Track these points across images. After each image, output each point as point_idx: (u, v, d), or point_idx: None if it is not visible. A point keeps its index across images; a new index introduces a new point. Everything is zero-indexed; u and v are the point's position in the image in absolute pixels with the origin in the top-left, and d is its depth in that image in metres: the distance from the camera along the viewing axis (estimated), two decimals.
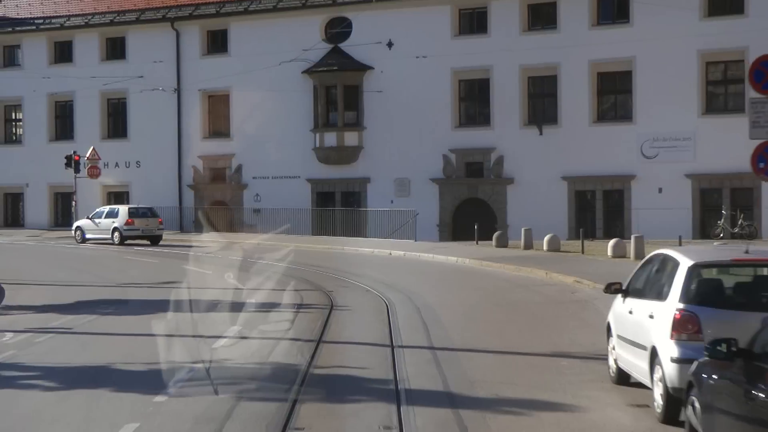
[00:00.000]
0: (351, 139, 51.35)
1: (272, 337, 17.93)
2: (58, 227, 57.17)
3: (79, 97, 57.60)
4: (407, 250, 38.69)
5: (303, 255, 38.43)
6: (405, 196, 50.41)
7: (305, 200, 52.41)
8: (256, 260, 35.20)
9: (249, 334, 18.22)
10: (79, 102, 57.76)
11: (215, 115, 55.62)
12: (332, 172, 51.87)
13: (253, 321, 19.63)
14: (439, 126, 49.51)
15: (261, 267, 32.65)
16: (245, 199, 54.18)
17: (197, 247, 44.44)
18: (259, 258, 35.93)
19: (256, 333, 18.37)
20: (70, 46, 58.32)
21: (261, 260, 35.20)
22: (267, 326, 18.97)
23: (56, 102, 59.00)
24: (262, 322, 19.57)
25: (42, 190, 58.63)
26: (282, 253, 38.42)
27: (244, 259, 35.43)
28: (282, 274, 29.93)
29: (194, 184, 55.39)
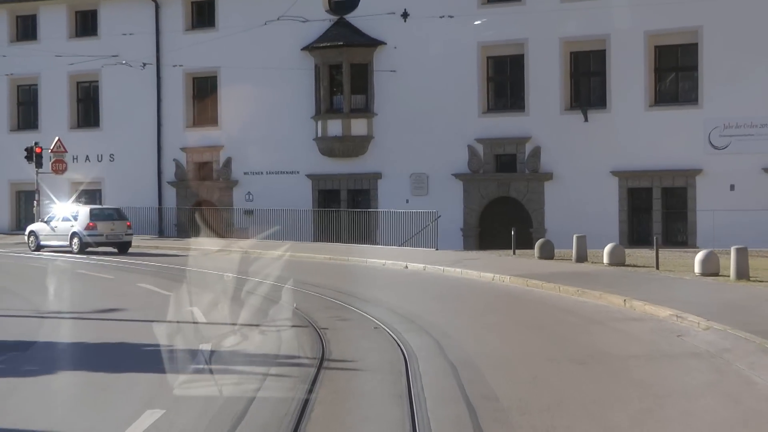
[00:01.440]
0: (359, 127, 43.47)
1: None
2: (20, 231, 49.24)
3: (44, 80, 49.93)
4: (428, 262, 30.84)
5: (298, 267, 30.69)
6: (423, 194, 42.58)
7: (305, 199, 44.59)
8: (238, 275, 27.48)
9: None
10: (44, 85, 50.05)
11: (201, 101, 47.85)
12: (337, 167, 44.02)
13: (184, 405, 11.75)
14: (464, 111, 41.65)
15: (240, 286, 24.93)
16: (235, 199, 46.37)
17: (173, 256, 36.79)
18: (243, 272, 28.23)
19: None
20: (34, 21, 50.51)
21: (244, 275, 27.47)
22: (198, 420, 11.06)
23: (18, 86, 51.27)
24: (194, 409, 11.63)
25: (2, 188, 50.87)
26: (272, 266, 30.76)
27: (223, 274, 27.83)
28: (265, 297, 22.26)
29: (176, 180, 47.59)
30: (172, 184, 47.58)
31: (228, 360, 14.75)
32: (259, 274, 27.45)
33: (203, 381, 13.14)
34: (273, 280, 25.99)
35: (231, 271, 28.48)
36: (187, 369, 13.73)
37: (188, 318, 19.25)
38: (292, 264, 32.43)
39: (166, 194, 47.80)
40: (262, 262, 32.92)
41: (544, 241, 31.36)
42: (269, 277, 26.52)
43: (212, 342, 16.03)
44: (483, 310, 20.86)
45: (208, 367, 14.08)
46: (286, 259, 34.16)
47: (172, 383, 12.63)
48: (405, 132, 42.68)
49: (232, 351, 15.45)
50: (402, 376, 13.33)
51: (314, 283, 25.64)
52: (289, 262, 32.89)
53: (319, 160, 44.26)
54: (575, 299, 22.05)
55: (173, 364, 14.28)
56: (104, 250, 38.91)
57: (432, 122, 42.14)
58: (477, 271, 27.71)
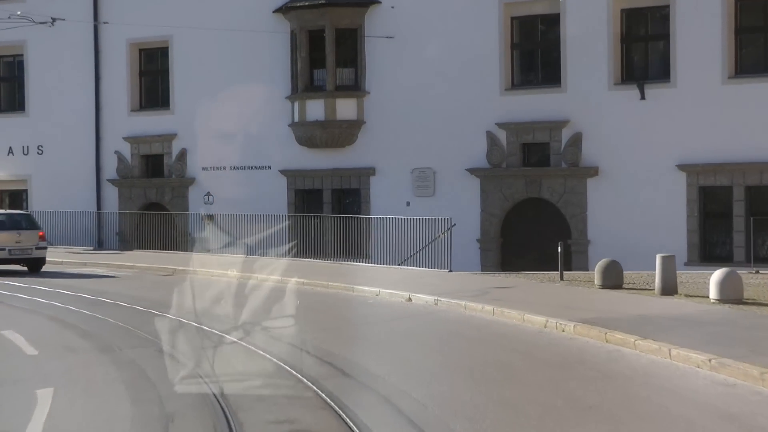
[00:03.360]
0: (346, 109, 34.09)
1: None
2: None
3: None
4: (440, 293, 21.48)
5: (260, 300, 21.30)
6: (428, 195, 33.24)
7: (279, 202, 35.22)
8: (165, 312, 18.37)
9: None
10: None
11: (150, 78, 38.49)
12: (318, 160, 34.67)
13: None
14: (482, 88, 32.32)
15: (152, 338, 15.66)
16: (192, 200, 36.96)
17: (100, 278, 27.69)
18: (179, 305, 19.20)
19: None
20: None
21: (168, 312, 18.32)
22: None
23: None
24: None
25: None
26: (213, 292, 21.71)
27: (144, 312, 18.76)
28: (187, 380, 12.96)
29: (119, 178, 38.17)
30: (114, 183, 38.17)
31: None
32: (198, 310, 18.28)
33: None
34: (204, 320, 16.71)
35: (159, 301, 19.25)
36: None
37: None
38: (254, 294, 23.10)
39: (107, 195, 38.38)
40: (205, 287, 23.75)
41: (608, 263, 21.83)
42: (210, 317, 17.21)
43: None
44: (562, 409, 11.36)
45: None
46: (238, 283, 24.81)
47: None
48: (405, 115, 33.36)
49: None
50: None
51: (276, 336, 16.21)
52: (240, 287, 23.53)
53: (297, 151, 34.92)
54: (716, 378, 12.58)
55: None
56: (10, 269, 29.54)
57: (440, 103, 32.81)
58: (517, 311, 18.29)
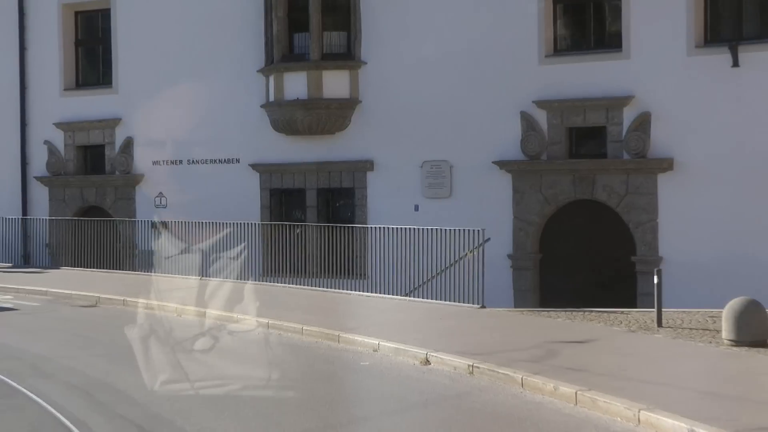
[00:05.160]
0: (336, 84, 26.13)
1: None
2: None
3: None
4: (474, 350, 13.64)
5: (187, 360, 13.47)
6: (443, 196, 25.33)
7: (250, 205, 27.26)
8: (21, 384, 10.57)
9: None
10: None
11: (87, 49, 30.54)
12: (300, 151, 26.72)
13: None
14: (514, 56, 24.43)
15: None
16: (140, 203, 28.97)
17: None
18: (64, 368, 11.62)
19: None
20: None
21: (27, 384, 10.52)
22: None
23: None
24: None
25: None
26: (125, 360, 13.85)
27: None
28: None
29: (49, 175, 30.17)
30: (44, 181, 30.16)
31: None
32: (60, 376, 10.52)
33: None
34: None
35: (32, 360, 11.44)
36: None
37: None
38: (175, 335, 15.36)
39: (35, 196, 30.39)
40: (113, 330, 15.93)
41: (745, 306, 13.67)
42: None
43: None
44: None
45: None
46: (170, 321, 17.03)
47: None
48: (413, 92, 25.46)
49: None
50: None
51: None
52: (171, 331, 15.74)
53: (272, 140, 26.95)
54: None
55: None
56: None
57: (459, 75, 24.93)
58: (630, 402, 10.37)
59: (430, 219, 24.35)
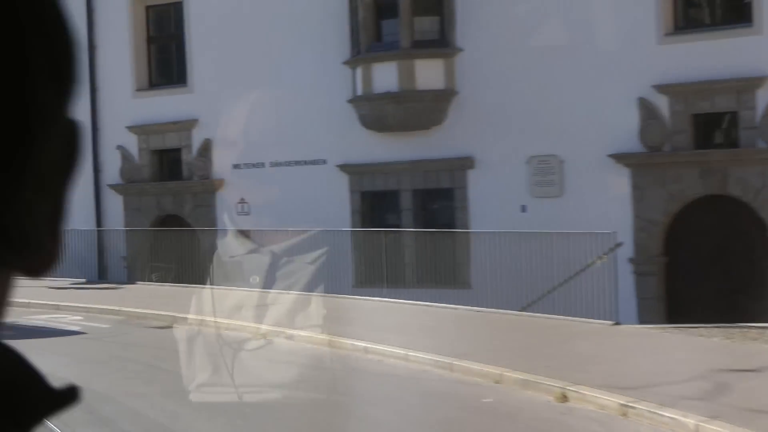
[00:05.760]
0: (430, 74, 23.71)
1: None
2: None
3: None
4: (616, 381, 11.10)
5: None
6: (553, 195, 22.77)
7: (339, 210, 24.95)
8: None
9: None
10: None
11: (160, 47, 28.51)
12: (393, 149, 24.31)
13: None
14: (629, 36, 21.77)
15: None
16: (221, 210, 26.83)
17: (47, 337, 17.85)
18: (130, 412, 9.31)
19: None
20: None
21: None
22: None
23: None
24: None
25: None
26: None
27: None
28: None
29: (123, 182, 28.20)
30: (118, 189, 28.20)
31: None
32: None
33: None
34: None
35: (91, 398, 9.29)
36: None
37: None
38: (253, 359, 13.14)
39: (109, 206, 28.43)
40: (189, 357, 13.74)
41: None
42: None
43: None
44: None
45: None
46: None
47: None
48: (516, 80, 22.93)
49: None
50: None
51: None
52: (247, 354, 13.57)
53: (361, 138, 24.61)
54: None
55: None
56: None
57: (567, 60, 22.35)
58: None
59: (539, 221, 21.88)
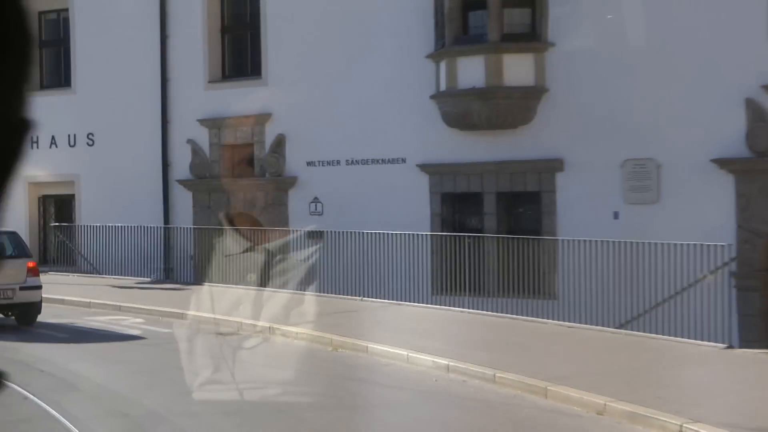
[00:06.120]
0: (520, 70, 22.17)
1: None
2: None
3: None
4: (745, 421, 9.64)
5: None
6: (648, 201, 21.15)
7: (418, 212, 23.49)
8: None
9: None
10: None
11: (234, 37, 27.29)
12: (477, 149, 22.79)
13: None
14: (735, 31, 20.08)
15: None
16: (293, 209, 25.55)
17: (104, 341, 16.73)
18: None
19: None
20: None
21: None
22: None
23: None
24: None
25: None
26: None
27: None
28: None
29: (193, 178, 27.02)
30: (187, 185, 27.04)
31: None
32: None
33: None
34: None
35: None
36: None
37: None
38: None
39: (178, 202, 27.27)
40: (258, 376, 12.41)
41: None
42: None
43: None
44: None
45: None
46: (320, 353, 13.44)
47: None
48: (610, 78, 21.34)
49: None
50: None
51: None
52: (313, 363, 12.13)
53: (443, 136, 23.14)
54: None
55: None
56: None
57: (666, 57, 20.71)
58: None
59: (633, 229, 20.26)
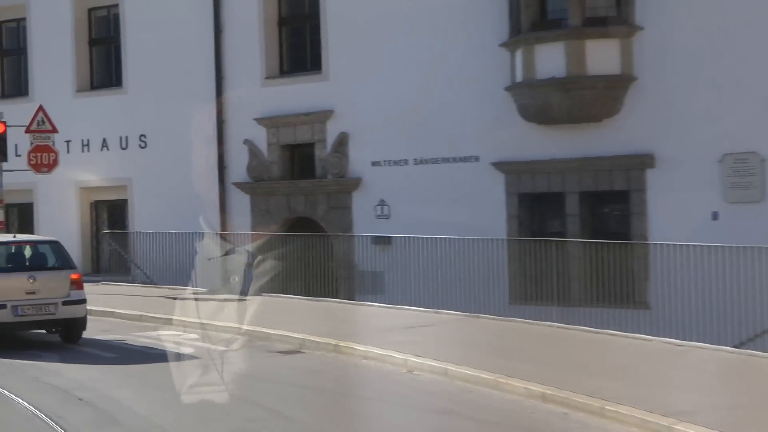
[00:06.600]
0: (604, 57, 20.20)
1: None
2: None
3: (33, 9, 28.74)
4: None
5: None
6: (751, 200, 19.15)
7: (492, 214, 21.59)
8: None
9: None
10: (33, 19, 28.77)
11: (292, 30, 25.59)
12: (558, 144, 20.90)
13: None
14: None
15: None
16: (358, 213, 23.77)
17: (154, 362, 15.08)
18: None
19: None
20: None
21: None
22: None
23: (1, 22, 30.12)
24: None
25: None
26: None
27: None
28: None
29: (251, 180, 25.33)
30: (244, 188, 25.35)
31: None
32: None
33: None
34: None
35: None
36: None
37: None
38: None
39: (235, 206, 25.58)
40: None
41: None
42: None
43: None
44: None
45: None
46: (403, 379, 11.64)
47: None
48: (705, 65, 19.39)
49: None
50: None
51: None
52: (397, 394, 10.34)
53: (520, 131, 21.24)
54: None
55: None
56: (35, 336, 17.29)
57: (761, 38, 18.73)
58: None
59: (734, 230, 18.32)
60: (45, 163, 24.38)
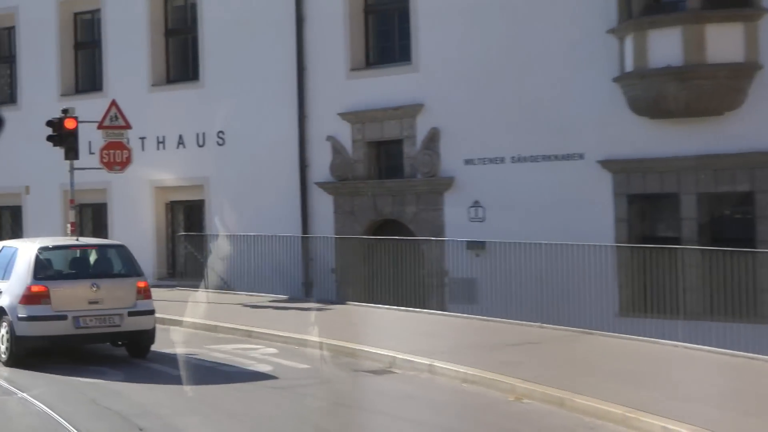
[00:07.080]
0: (726, 43, 18.24)
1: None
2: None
3: (110, 2, 27.48)
4: None
5: None
6: None
7: (599, 218, 19.68)
8: None
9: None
10: (110, 13, 27.47)
11: (379, 17, 23.89)
12: (673, 140, 18.93)
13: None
14: None
15: None
16: (449, 214, 21.98)
17: (232, 382, 13.28)
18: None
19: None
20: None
21: None
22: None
23: (76, 14, 28.85)
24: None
25: (51, 196, 28.32)
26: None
27: None
28: None
29: (334, 180, 23.68)
30: (327, 187, 23.71)
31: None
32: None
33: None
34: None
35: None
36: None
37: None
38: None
39: (317, 207, 23.96)
40: None
41: None
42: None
43: None
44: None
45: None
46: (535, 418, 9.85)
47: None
48: None
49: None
50: None
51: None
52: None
53: (630, 125, 19.33)
54: None
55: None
56: (100, 348, 15.86)
57: None
58: None
59: None
60: (118, 161, 23.15)
